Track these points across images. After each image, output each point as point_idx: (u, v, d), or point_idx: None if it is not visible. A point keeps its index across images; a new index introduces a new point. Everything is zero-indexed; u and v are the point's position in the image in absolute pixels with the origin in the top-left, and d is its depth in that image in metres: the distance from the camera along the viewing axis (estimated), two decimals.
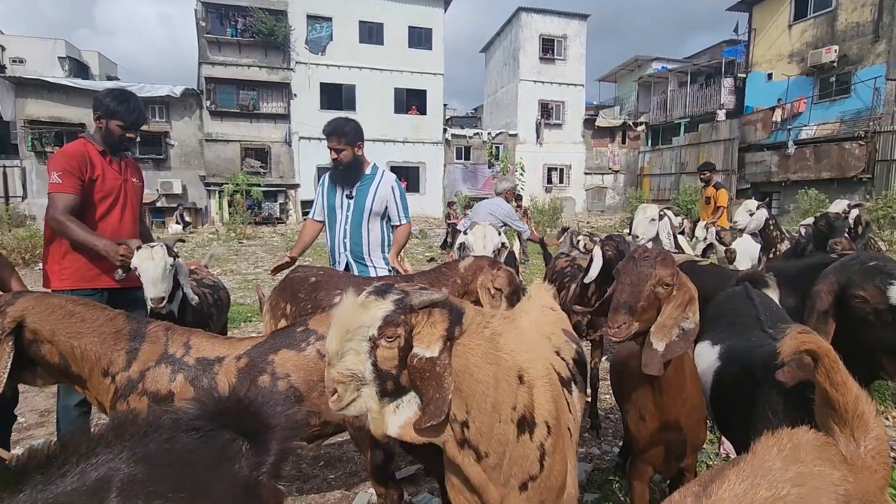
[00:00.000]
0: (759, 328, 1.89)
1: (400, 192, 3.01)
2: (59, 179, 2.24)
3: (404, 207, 3.04)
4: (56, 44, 28.42)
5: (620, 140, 25.28)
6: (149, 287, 2.16)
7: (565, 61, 23.90)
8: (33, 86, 18.68)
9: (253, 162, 20.67)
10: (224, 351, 1.65)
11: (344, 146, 2.82)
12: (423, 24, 22.08)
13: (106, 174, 2.39)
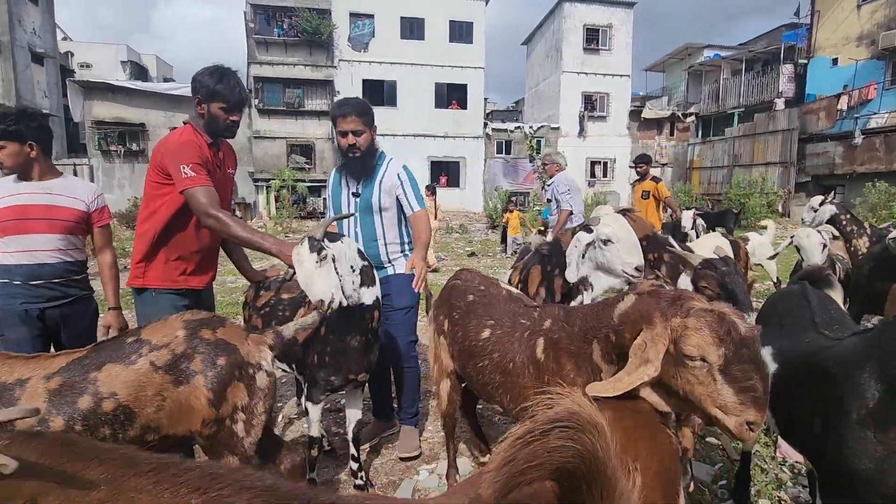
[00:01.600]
0: (813, 330, 1.79)
1: (409, 178, 2.58)
2: (193, 173, 2.02)
3: (416, 195, 2.59)
4: (118, 49, 30.26)
5: (668, 132, 24.33)
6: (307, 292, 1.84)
7: (610, 51, 23.19)
8: (99, 89, 19.93)
9: (298, 158, 21.30)
10: (27, 371, 1.44)
11: (363, 127, 2.42)
12: (464, 17, 21.98)
13: (212, 166, 2.21)
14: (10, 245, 2.14)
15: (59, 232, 2.21)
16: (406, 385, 2.71)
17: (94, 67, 28.21)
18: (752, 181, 17.64)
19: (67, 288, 2.26)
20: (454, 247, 12.26)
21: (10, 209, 2.14)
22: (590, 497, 0.67)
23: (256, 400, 1.58)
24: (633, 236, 2.21)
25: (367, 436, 2.78)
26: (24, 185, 2.19)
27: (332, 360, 2.05)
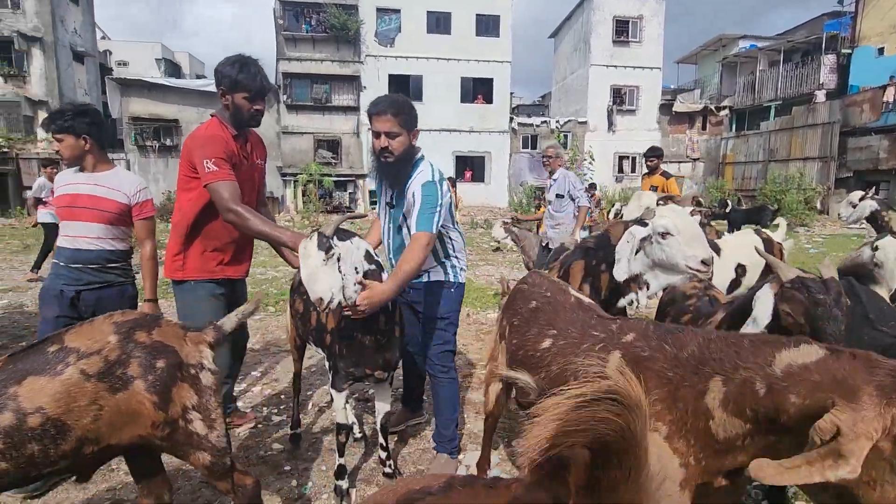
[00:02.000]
0: (869, 326, 1.71)
1: (423, 194, 2.08)
2: (216, 167, 2.07)
3: (422, 214, 2.06)
4: (153, 47, 31.20)
5: (700, 126, 23.64)
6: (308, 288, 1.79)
7: (641, 43, 22.64)
8: (136, 86, 20.58)
9: (325, 153, 21.57)
10: None
11: (399, 129, 2.08)
12: (491, 11, 21.78)
13: (239, 159, 2.26)
14: (64, 230, 2.37)
15: (100, 221, 2.35)
16: (441, 400, 2.41)
17: (130, 65, 29.17)
18: (789, 177, 16.99)
19: (104, 274, 2.40)
20: (478, 242, 12.24)
21: (64, 197, 2.34)
22: (619, 472, 0.68)
23: (207, 397, 1.53)
24: (694, 226, 2.01)
25: (393, 421, 2.78)
26: (79, 175, 2.37)
27: (350, 354, 2.08)
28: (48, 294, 2.35)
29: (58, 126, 2.28)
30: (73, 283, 2.34)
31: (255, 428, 2.86)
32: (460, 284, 2.44)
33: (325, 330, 2.17)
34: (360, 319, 1.92)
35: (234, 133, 2.25)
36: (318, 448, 2.65)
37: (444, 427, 2.43)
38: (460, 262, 2.46)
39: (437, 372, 2.40)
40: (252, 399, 3.29)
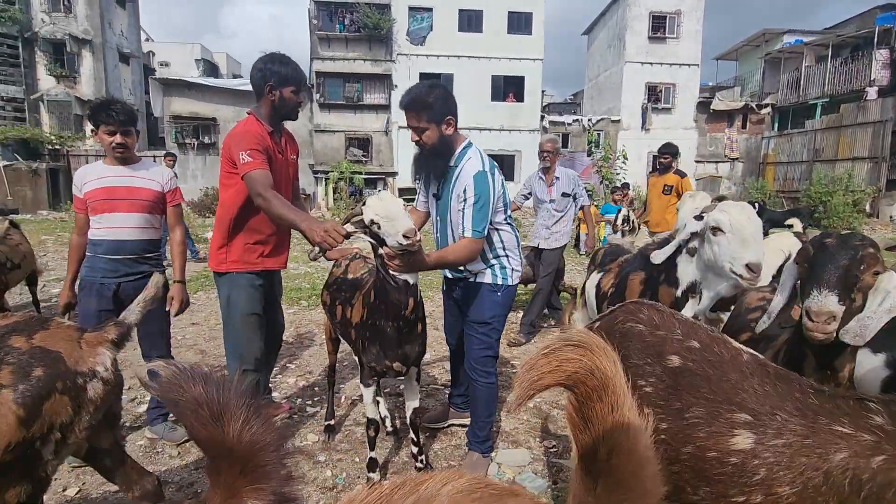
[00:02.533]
0: None
1: (476, 194, 2.02)
2: (250, 157, 2.17)
3: (475, 214, 2.02)
4: (193, 48, 32.27)
5: (740, 124, 22.79)
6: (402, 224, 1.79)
7: (678, 39, 22.00)
8: (177, 86, 21.33)
9: (356, 151, 21.85)
10: None
11: (426, 123, 2.06)
12: (524, 8, 21.58)
13: (274, 154, 2.34)
14: (99, 222, 2.41)
15: (139, 211, 2.45)
16: (479, 403, 2.38)
17: (171, 66, 30.27)
18: (835, 178, 16.20)
19: (141, 264, 2.49)
20: None
21: (101, 190, 2.39)
22: (602, 406, 0.80)
23: (82, 415, 1.36)
24: (751, 226, 1.80)
25: (434, 418, 2.78)
26: (113, 168, 2.43)
27: (372, 347, 2.09)
28: (88, 287, 2.41)
29: (127, 118, 2.36)
30: (112, 275, 2.41)
31: (290, 418, 2.92)
32: (509, 287, 2.33)
33: (350, 325, 2.21)
34: (384, 304, 1.96)
35: (269, 129, 2.34)
36: (352, 440, 2.68)
37: (479, 428, 2.41)
38: (511, 262, 2.34)
39: (478, 375, 2.36)
40: (287, 390, 3.36)
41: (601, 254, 3.09)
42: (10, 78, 20.27)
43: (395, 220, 1.78)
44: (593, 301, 2.68)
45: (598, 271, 2.77)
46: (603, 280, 2.57)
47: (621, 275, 2.35)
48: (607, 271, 2.56)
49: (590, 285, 2.78)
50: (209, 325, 4.88)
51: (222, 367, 3.70)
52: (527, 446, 2.63)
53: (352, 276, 2.38)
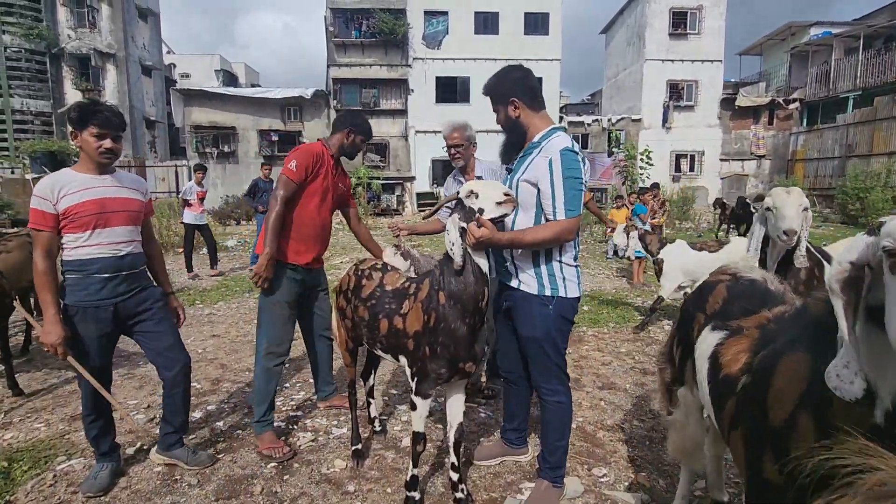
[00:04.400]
0: None
1: (564, 168, 1.88)
2: (294, 168, 2.57)
3: (566, 195, 1.89)
4: (212, 59, 32.80)
5: (767, 121, 22.10)
6: None
7: (700, 35, 21.47)
8: (197, 96, 21.63)
9: (373, 156, 21.81)
10: None
11: (495, 107, 2.15)
12: (540, 8, 21.35)
13: (329, 174, 2.74)
14: (91, 238, 2.11)
15: (132, 223, 2.24)
16: (547, 424, 2.16)
17: (191, 77, 30.81)
18: (871, 173, 15.49)
19: (136, 280, 2.28)
20: None
21: (92, 203, 2.10)
22: None
23: None
24: (787, 203, 2.26)
25: (485, 454, 2.52)
26: (98, 178, 2.15)
27: (443, 352, 1.94)
28: (81, 312, 2.13)
29: (119, 123, 2.14)
30: (110, 295, 2.16)
31: (315, 441, 2.73)
32: (563, 299, 2.04)
33: (404, 335, 2.04)
34: (461, 298, 1.89)
35: (332, 153, 2.78)
36: (382, 466, 2.48)
37: (550, 452, 2.16)
38: (565, 271, 2.04)
39: (543, 394, 2.14)
40: (309, 408, 3.18)
41: (719, 291, 1.65)
42: (38, 93, 20.82)
43: (494, 185, 1.87)
44: (705, 379, 1.51)
45: (713, 326, 1.56)
46: (726, 349, 1.43)
47: (765, 350, 1.28)
48: (735, 333, 1.44)
49: (701, 348, 1.58)
50: (230, 337, 4.75)
51: (245, 383, 3.55)
52: (575, 475, 2.38)
53: (391, 287, 2.22)
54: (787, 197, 2.26)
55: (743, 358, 1.33)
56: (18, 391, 3.31)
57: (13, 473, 2.38)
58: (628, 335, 4.76)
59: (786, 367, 1.13)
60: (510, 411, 2.47)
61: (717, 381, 1.41)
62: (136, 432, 2.78)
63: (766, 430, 1.11)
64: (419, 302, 2.01)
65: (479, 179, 2.93)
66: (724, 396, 1.35)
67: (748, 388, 1.25)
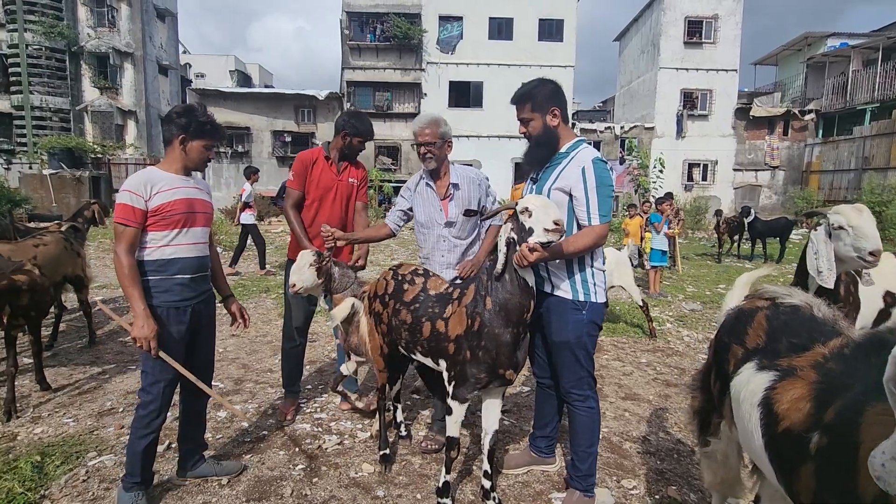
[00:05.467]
0: None
1: (597, 177, 1.98)
2: (292, 177, 2.94)
3: (600, 202, 1.99)
4: (227, 59, 33.13)
5: (782, 131, 21.93)
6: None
7: (715, 45, 21.38)
8: (212, 96, 21.84)
9: (385, 159, 21.90)
10: None
11: (530, 114, 2.11)
12: (555, 15, 21.38)
13: (324, 175, 2.94)
14: (178, 238, 2.10)
15: (208, 225, 2.27)
16: (577, 431, 2.16)
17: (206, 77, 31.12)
18: (889, 186, 15.32)
19: (206, 283, 2.29)
20: None
21: (182, 202, 2.10)
22: None
23: None
24: (867, 222, 2.08)
25: (514, 462, 2.50)
26: (183, 178, 2.17)
27: (485, 356, 1.95)
28: (165, 313, 2.09)
29: (223, 137, 2.26)
30: (191, 295, 2.16)
31: (341, 444, 2.73)
32: (595, 304, 2.09)
33: (445, 339, 2.06)
34: (507, 309, 1.91)
35: (325, 155, 2.97)
36: (410, 472, 2.47)
37: (580, 460, 2.16)
38: (596, 276, 2.10)
39: (573, 400, 2.15)
40: (333, 411, 3.18)
41: (759, 322, 1.47)
42: (57, 90, 21.12)
43: (548, 207, 1.84)
44: (756, 430, 1.27)
45: (758, 365, 1.35)
46: (780, 395, 1.21)
47: (838, 400, 1.07)
48: (787, 375, 1.24)
49: (746, 390, 1.35)
50: (249, 336, 4.77)
51: (268, 384, 3.56)
52: (604, 486, 2.37)
53: (434, 291, 2.23)
54: (862, 215, 2.11)
55: (805, 407, 1.12)
56: (46, 386, 3.35)
57: (47, 468, 2.41)
58: (647, 345, 4.73)
59: (873, 422, 0.92)
60: (542, 418, 2.46)
61: (775, 434, 1.19)
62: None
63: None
64: (463, 306, 2.03)
65: (497, 196, 2.81)
66: (791, 458, 1.13)
67: (829, 452, 1.02)
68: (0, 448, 2.60)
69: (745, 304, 1.64)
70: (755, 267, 9.82)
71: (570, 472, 2.24)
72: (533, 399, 3.34)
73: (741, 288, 1.89)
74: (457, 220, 2.59)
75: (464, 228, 2.63)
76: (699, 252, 11.74)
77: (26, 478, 2.30)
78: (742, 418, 1.35)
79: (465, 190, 2.62)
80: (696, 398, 1.79)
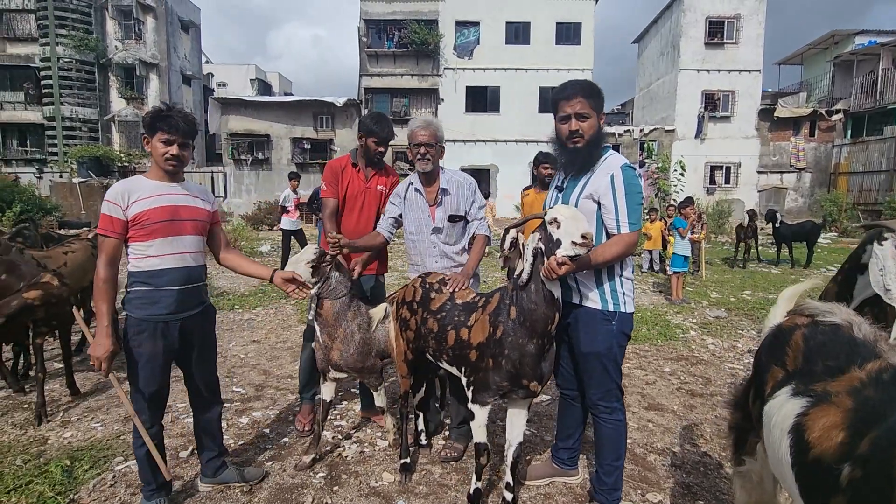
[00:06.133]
0: None
1: (626, 184, 1.93)
2: (325, 187, 2.88)
3: (629, 209, 1.93)
4: (248, 68, 33.79)
5: (808, 132, 21.36)
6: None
7: (737, 45, 20.98)
8: (234, 104, 22.28)
9: (402, 164, 21.97)
10: None
11: (590, 111, 1.99)
12: (572, 18, 21.27)
13: (353, 182, 2.89)
14: (161, 248, 2.00)
15: (200, 233, 2.15)
16: (603, 443, 2.12)
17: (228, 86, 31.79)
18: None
19: (200, 294, 2.19)
20: None
21: (163, 210, 2.00)
22: None
23: None
24: None
25: (536, 474, 2.47)
26: (167, 185, 2.06)
27: (507, 365, 1.94)
28: (151, 327, 2.01)
29: (188, 129, 2.02)
30: (180, 309, 2.06)
31: (362, 453, 2.73)
32: (624, 314, 2.04)
33: (468, 346, 2.06)
34: (532, 322, 1.89)
35: (353, 162, 2.92)
36: (430, 481, 2.46)
37: (606, 473, 2.12)
38: (625, 286, 2.05)
39: (600, 412, 2.11)
40: (353, 419, 3.19)
41: (798, 343, 1.38)
42: (86, 101, 21.84)
43: (578, 220, 1.80)
44: (786, 458, 1.20)
45: (793, 390, 1.28)
46: (811, 422, 1.15)
47: (872, 430, 1.02)
48: (820, 401, 1.17)
49: (778, 416, 1.28)
50: (269, 342, 4.83)
51: (289, 390, 3.59)
52: (629, 499, 2.31)
53: (461, 300, 2.24)
54: None
55: (837, 436, 1.06)
56: (75, 390, 3.44)
57: (76, 472, 2.46)
58: (671, 354, 4.63)
59: None
60: (566, 429, 2.42)
61: (804, 463, 1.13)
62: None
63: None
64: (486, 314, 2.03)
65: (490, 201, 2.88)
66: (821, 490, 1.08)
67: (861, 486, 0.97)
68: (32, 451, 2.67)
69: (784, 321, 1.54)
70: (781, 272, 9.55)
71: (594, 486, 2.19)
72: (553, 408, 3.31)
73: (785, 302, 1.73)
74: (443, 226, 2.60)
75: (451, 234, 2.64)
76: (722, 256, 11.48)
77: (56, 482, 2.36)
78: (772, 444, 1.29)
79: (454, 195, 2.62)
80: (732, 414, 1.73)
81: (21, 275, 3.24)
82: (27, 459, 2.57)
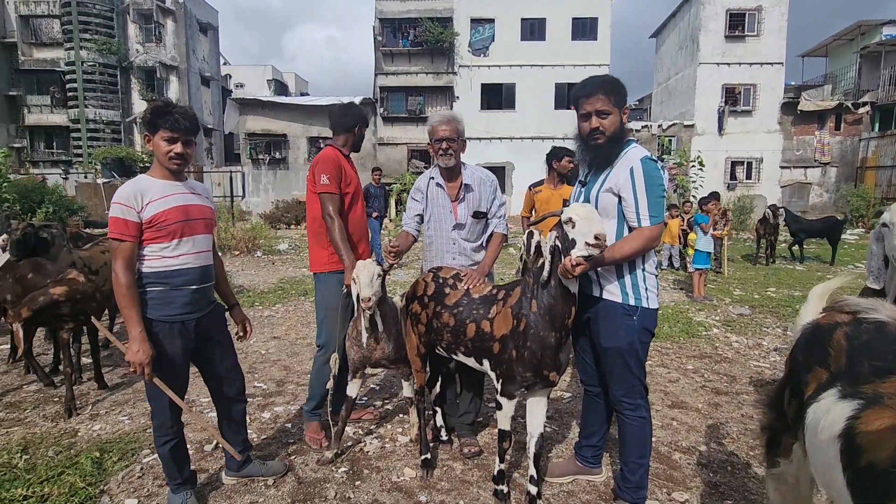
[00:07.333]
0: None
1: (646, 177, 1.89)
2: (328, 181, 2.57)
3: (650, 202, 1.89)
4: (265, 69, 34.20)
5: (833, 125, 20.78)
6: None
7: (758, 37, 20.49)
8: (251, 105, 22.57)
9: (418, 163, 22.04)
10: None
11: (611, 107, 1.95)
12: (589, 14, 21.02)
13: (349, 173, 2.74)
14: (177, 248, 1.98)
15: (209, 232, 2.13)
16: (628, 441, 2.08)
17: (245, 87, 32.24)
18: None
19: (212, 292, 2.18)
20: None
21: (176, 210, 1.97)
22: None
23: None
24: None
25: (559, 471, 2.44)
26: (174, 184, 2.03)
27: (530, 356, 1.97)
28: (168, 327, 2.00)
29: (191, 126, 1.98)
30: (197, 308, 2.07)
31: (383, 448, 2.74)
32: (646, 310, 2.00)
33: (489, 339, 2.09)
34: (552, 314, 1.91)
35: (345, 153, 2.77)
36: (451, 477, 2.45)
37: (631, 471, 2.09)
38: (647, 280, 2.00)
39: (624, 409, 2.07)
40: (375, 415, 3.19)
41: (840, 342, 1.31)
42: (109, 104, 22.36)
43: (592, 221, 1.79)
44: (836, 464, 1.15)
45: (840, 392, 1.22)
46: (865, 426, 1.10)
47: None
48: (872, 403, 1.12)
49: (825, 420, 1.22)
50: (289, 339, 4.88)
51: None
52: (654, 498, 2.28)
53: (478, 294, 2.26)
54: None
55: (893, 440, 1.02)
56: (103, 384, 3.52)
57: (105, 464, 2.52)
58: (694, 351, 4.54)
59: None
60: (589, 426, 2.39)
61: (859, 469, 1.07)
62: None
63: None
64: (508, 307, 2.04)
65: (504, 197, 2.78)
66: (876, 496, 1.04)
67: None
68: (63, 444, 2.74)
69: (822, 318, 1.46)
70: (806, 269, 9.31)
71: (619, 484, 2.16)
72: (575, 406, 3.27)
73: (816, 300, 1.65)
74: (466, 222, 2.60)
75: (472, 231, 2.63)
76: (743, 253, 11.24)
77: (87, 473, 2.41)
78: (818, 449, 1.23)
79: (477, 192, 2.61)
80: (766, 414, 1.67)
81: (47, 273, 3.32)
82: (59, 451, 2.64)
